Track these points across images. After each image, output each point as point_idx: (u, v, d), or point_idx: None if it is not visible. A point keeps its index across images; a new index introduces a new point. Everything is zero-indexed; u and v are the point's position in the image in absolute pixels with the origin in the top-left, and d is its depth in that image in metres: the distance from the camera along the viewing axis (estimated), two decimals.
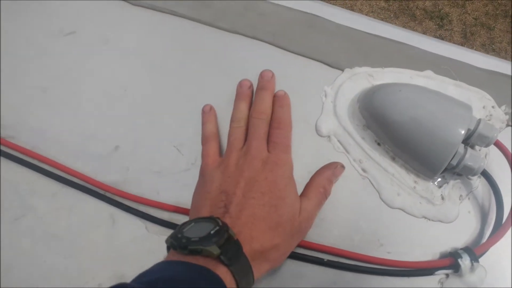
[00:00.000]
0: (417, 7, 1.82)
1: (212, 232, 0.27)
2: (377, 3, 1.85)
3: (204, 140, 0.37)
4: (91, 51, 0.43)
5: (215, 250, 0.26)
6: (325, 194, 0.35)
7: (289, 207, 0.31)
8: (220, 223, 0.28)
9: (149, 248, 0.36)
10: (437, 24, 1.78)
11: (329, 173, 0.35)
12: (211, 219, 0.28)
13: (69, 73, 0.42)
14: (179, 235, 0.27)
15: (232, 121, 0.37)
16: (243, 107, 0.37)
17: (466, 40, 1.74)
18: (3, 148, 0.39)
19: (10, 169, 0.39)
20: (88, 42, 0.43)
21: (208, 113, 0.38)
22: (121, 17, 0.44)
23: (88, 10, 0.45)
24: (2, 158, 0.39)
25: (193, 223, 0.29)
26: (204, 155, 0.36)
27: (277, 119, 0.36)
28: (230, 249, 0.27)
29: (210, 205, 0.31)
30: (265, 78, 0.38)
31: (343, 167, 0.36)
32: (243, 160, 0.33)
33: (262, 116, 0.36)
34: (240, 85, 0.39)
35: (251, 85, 0.39)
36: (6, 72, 0.43)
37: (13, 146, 0.39)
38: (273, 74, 0.38)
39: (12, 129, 0.40)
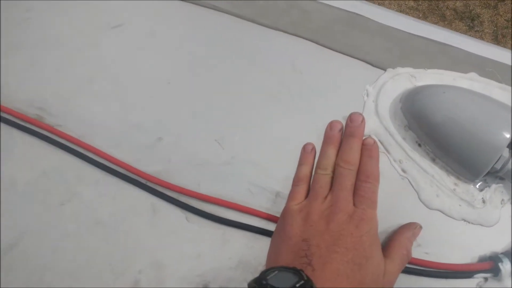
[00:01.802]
0: (447, 7, 1.78)
1: (297, 285, 0.26)
2: (406, 3, 1.82)
3: (295, 181, 0.36)
4: (137, 44, 0.44)
5: None
6: (408, 256, 0.33)
7: (373, 268, 0.30)
8: (305, 277, 0.27)
9: (189, 238, 0.37)
10: (467, 25, 1.74)
11: (409, 234, 0.34)
12: (295, 270, 0.27)
13: (115, 64, 0.44)
14: (264, 282, 0.26)
15: (318, 167, 0.35)
16: (331, 153, 0.35)
17: (497, 42, 1.70)
18: (52, 136, 0.41)
19: (58, 156, 0.40)
20: (134, 35, 0.45)
21: (308, 153, 0.37)
22: (166, 11, 0.45)
23: (135, 4, 0.46)
24: (50, 145, 0.41)
25: (277, 271, 0.27)
26: (290, 197, 0.35)
27: (366, 172, 0.34)
28: None
29: (291, 252, 0.30)
30: (355, 123, 0.36)
31: (421, 227, 0.35)
32: (328, 212, 0.32)
33: (350, 166, 0.34)
34: (330, 126, 0.37)
35: (342, 128, 0.37)
36: (55, 63, 0.45)
37: (61, 134, 0.41)
38: (363, 119, 0.36)
39: (60, 118, 0.42)
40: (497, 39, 1.70)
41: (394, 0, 1.77)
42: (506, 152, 0.33)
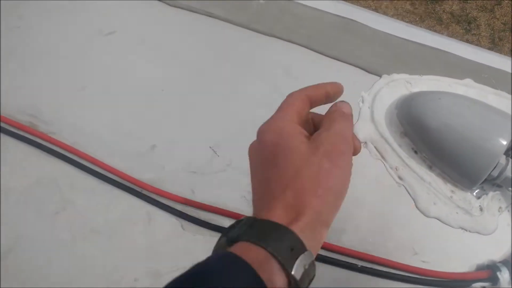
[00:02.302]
0: (443, 11, 1.79)
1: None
2: (402, 6, 1.83)
3: None
4: (130, 51, 0.44)
5: (235, 232, 0.24)
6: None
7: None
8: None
9: (184, 246, 0.36)
10: (464, 28, 1.75)
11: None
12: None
13: (107, 72, 0.44)
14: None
15: None
16: None
17: (494, 45, 1.70)
18: (46, 144, 0.40)
19: (51, 163, 0.40)
20: (127, 42, 0.44)
21: None
22: (159, 19, 0.45)
23: (127, 11, 0.46)
24: (44, 153, 0.40)
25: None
26: None
27: None
28: (260, 227, 0.24)
29: None
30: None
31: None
32: None
33: None
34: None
35: None
36: (48, 70, 0.44)
37: (54, 141, 0.40)
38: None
39: (53, 126, 0.42)
40: (494, 43, 1.70)
41: (390, 2, 1.77)
42: (503, 159, 0.33)
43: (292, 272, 0.22)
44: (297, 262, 0.23)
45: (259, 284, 0.21)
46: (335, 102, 0.32)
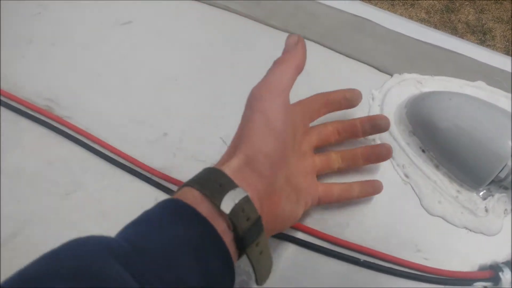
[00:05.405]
0: (459, 20, 1.78)
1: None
2: (417, 14, 1.83)
3: None
4: (146, 40, 0.45)
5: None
6: None
7: None
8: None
9: None
10: (479, 39, 1.74)
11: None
12: None
13: (123, 60, 0.45)
14: None
15: None
16: None
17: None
18: (60, 127, 0.42)
19: (65, 146, 0.41)
20: (143, 32, 0.45)
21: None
22: (175, 10, 0.46)
23: (144, 1, 0.47)
24: (58, 136, 0.41)
25: None
26: None
27: None
28: (200, 173, 0.27)
29: None
30: None
31: None
32: None
33: None
34: None
35: None
36: (65, 57, 0.46)
37: (69, 125, 0.41)
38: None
39: (68, 110, 0.43)
40: (509, 54, 1.69)
41: (405, 10, 1.77)
42: (510, 161, 0.33)
43: (221, 206, 0.23)
44: (226, 196, 0.24)
45: (200, 219, 0.23)
46: None
